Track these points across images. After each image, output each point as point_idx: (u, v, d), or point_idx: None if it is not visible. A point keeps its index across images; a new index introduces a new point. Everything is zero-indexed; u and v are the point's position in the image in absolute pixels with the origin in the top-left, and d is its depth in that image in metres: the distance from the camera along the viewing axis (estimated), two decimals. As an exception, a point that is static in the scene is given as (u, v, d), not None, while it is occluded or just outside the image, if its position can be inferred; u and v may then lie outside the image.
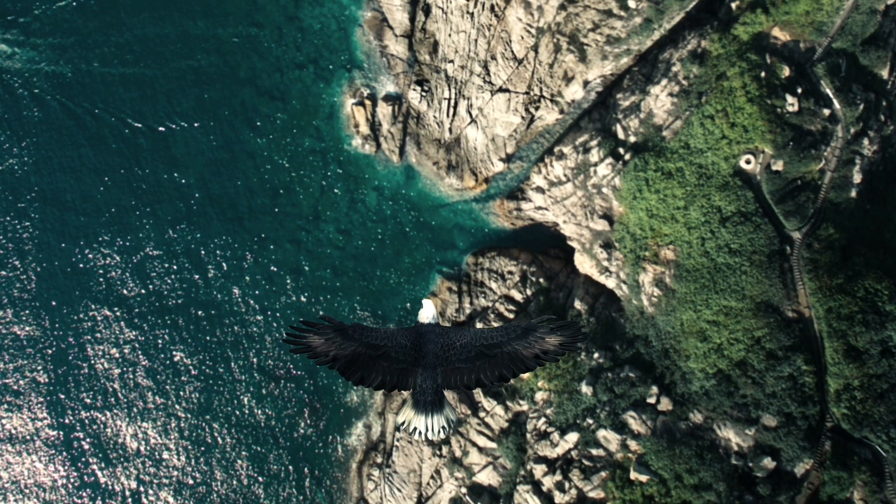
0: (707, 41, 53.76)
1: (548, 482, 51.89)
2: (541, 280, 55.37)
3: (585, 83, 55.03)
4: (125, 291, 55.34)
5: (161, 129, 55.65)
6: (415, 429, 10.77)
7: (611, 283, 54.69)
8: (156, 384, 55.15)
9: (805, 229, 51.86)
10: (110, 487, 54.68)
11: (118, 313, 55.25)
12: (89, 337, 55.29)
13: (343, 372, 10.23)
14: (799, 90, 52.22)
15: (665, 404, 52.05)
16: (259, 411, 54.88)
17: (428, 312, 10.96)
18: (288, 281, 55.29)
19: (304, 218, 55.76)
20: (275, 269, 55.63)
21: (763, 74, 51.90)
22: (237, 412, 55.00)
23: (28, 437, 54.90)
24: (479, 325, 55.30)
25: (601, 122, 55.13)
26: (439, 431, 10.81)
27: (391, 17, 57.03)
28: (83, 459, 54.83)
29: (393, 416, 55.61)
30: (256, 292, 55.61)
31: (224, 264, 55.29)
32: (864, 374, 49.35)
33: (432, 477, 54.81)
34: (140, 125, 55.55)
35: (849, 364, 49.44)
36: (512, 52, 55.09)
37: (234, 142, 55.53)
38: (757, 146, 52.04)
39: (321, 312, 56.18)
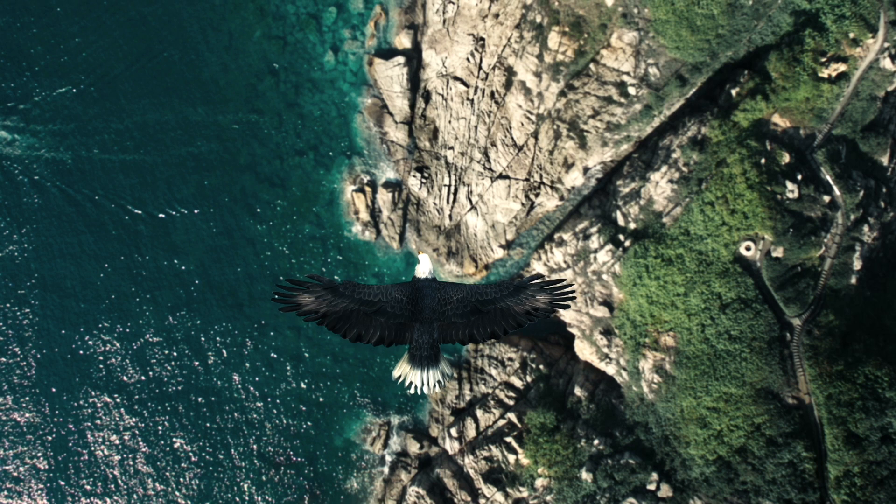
0: (707, 128, 53.83)
1: (548, 575, 51.90)
2: (541, 367, 55.40)
3: (585, 170, 55.11)
4: (125, 378, 55.35)
5: (161, 215, 55.72)
6: (410, 383, 10.74)
7: (611, 369, 54.74)
8: (156, 471, 55.15)
9: (805, 316, 51.91)
10: (110, 573, 54.71)
11: (118, 400, 55.25)
12: (89, 423, 55.29)
13: (337, 329, 10.17)
14: (799, 177, 52.30)
15: (665, 491, 52.11)
16: (259, 498, 54.88)
17: (424, 267, 10.94)
18: (288, 367, 55.33)
19: (305, 305, 55.61)
20: (275, 355, 55.66)
21: (763, 161, 51.98)
22: (237, 499, 55.00)
23: (28, 523, 54.95)
24: (479, 412, 55.30)
25: (601, 209, 55.19)
26: (435, 385, 10.80)
27: (391, 104, 57.17)
28: (83, 545, 54.87)
29: (392, 503, 55.60)
30: (256, 379, 55.64)
31: (224, 351, 55.33)
32: (864, 460, 49.39)
33: (433, 564, 54.80)
34: (140, 212, 55.61)
35: (849, 451, 49.47)
36: (512, 138, 55.17)
37: (234, 228, 55.58)
38: (757, 233, 52.10)
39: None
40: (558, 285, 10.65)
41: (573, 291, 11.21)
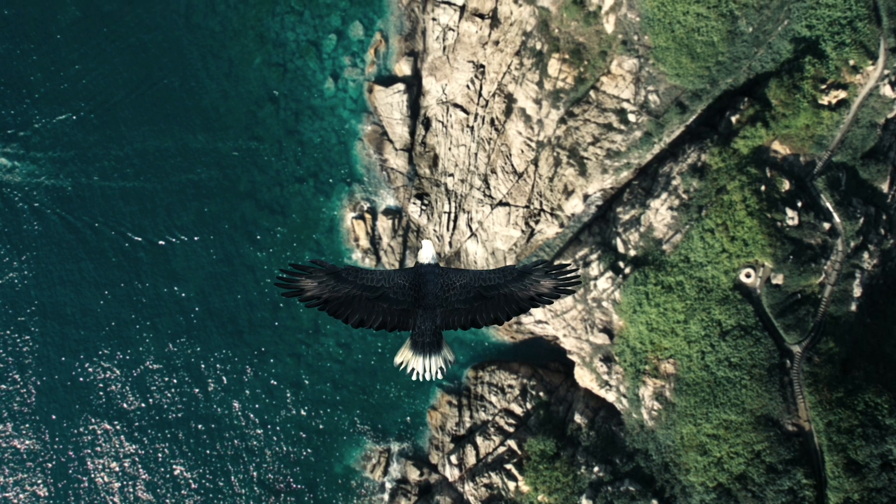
0: (707, 155, 53.81)
1: None
2: (541, 394, 55.41)
3: (585, 197, 55.10)
4: (125, 405, 55.39)
5: (161, 242, 55.75)
6: (412, 369, 10.69)
7: (611, 396, 54.74)
8: (156, 498, 55.16)
9: (805, 343, 51.91)
10: None
11: (118, 427, 55.27)
12: (89, 450, 55.32)
13: (339, 315, 10.10)
14: (799, 204, 52.27)
15: (665, 518, 52.19)
16: (259, 525, 54.94)
17: (427, 252, 10.83)
18: (288, 395, 55.35)
19: (305, 332, 55.83)
20: (275, 382, 55.68)
21: (763, 188, 51.97)
22: (237, 526, 55.07)
23: (28, 551, 54.97)
24: (479, 439, 55.30)
25: (601, 236, 55.19)
26: (437, 372, 10.76)
27: (391, 131, 57.19)
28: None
29: (393, 530, 55.64)
30: (256, 406, 55.65)
31: (224, 378, 55.36)
32: (864, 487, 49.42)
33: (433, 591, 54.80)
34: (140, 239, 55.65)
35: (849, 478, 49.49)
36: (512, 165, 55.18)
37: (234, 255, 55.62)
38: (757, 260, 52.08)
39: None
40: (563, 270, 10.56)
41: (578, 277, 11.08)
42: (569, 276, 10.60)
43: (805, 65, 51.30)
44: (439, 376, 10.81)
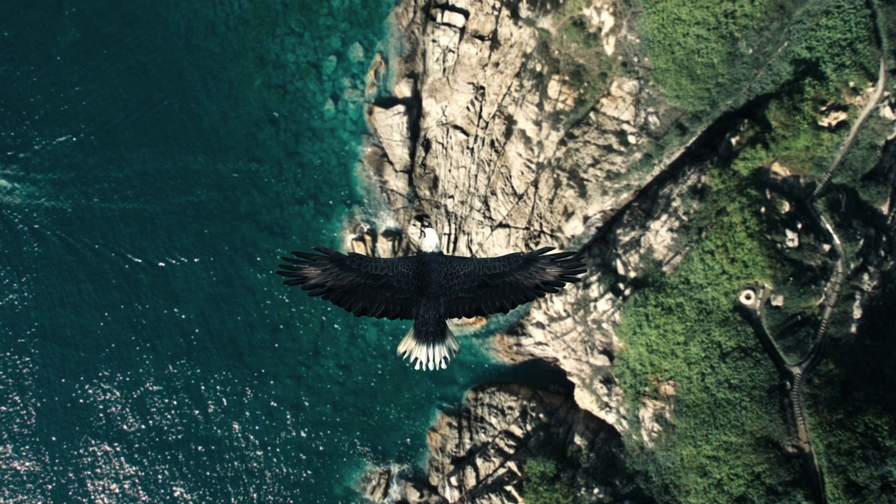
0: (707, 176, 53.80)
1: None
2: (541, 415, 55.38)
3: (585, 218, 55.08)
4: (125, 427, 55.37)
5: (161, 264, 55.74)
6: (415, 359, 10.61)
7: (611, 418, 54.72)
8: (156, 519, 55.20)
9: (805, 365, 51.90)
10: None
11: (118, 448, 55.25)
12: (89, 472, 55.30)
13: (342, 303, 10.00)
14: (799, 225, 52.26)
15: (666, 540, 52.16)
16: (259, 547, 54.90)
17: (431, 241, 10.72)
18: (288, 416, 55.32)
19: (305, 353, 55.83)
20: (275, 404, 55.66)
21: (763, 210, 51.96)
22: (237, 548, 55.03)
23: (28, 572, 54.96)
24: (479, 461, 55.28)
25: (601, 258, 55.18)
26: (440, 362, 10.67)
27: (391, 153, 57.17)
28: None
29: (393, 552, 55.60)
30: (256, 427, 55.64)
31: (224, 399, 55.34)
32: (864, 509, 49.45)
33: None
34: (140, 260, 55.64)
35: (849, 499, 49.50)
36: (512, 187, 55.17)
37: (234, 277, 55.62)
38: (757, 281, 52.07)
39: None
40: (569, 258, 10.44)
41: (584, 265, 10.95)
42: (574, 263, 10.49)
43: (805, 86, 51.30)
44: (443, 366, 10.71)
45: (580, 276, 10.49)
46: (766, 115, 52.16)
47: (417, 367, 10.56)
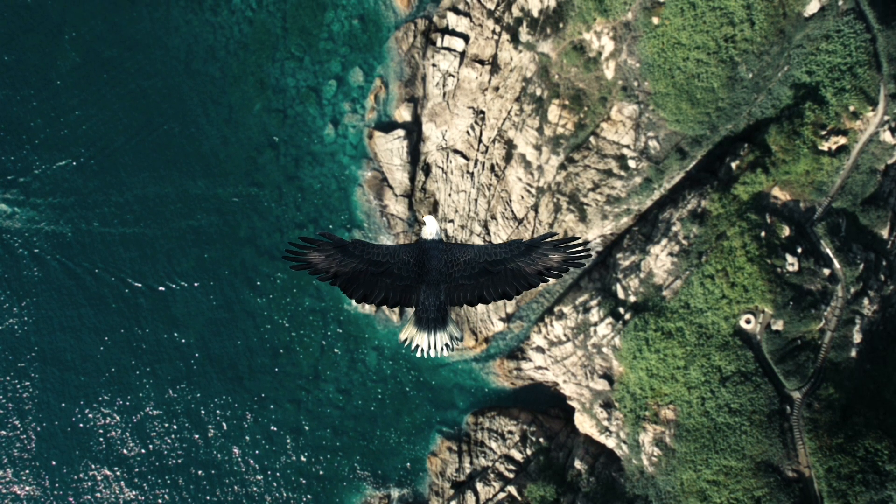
0: (707, 201, 53.77)
1: None
2: (541, 440, 55.34)
3: (585, 243, 55.05)
4: (125, 451, 55.36)
5: (161, 288, 55.74)
6: (417, 346, 10.59)
7: (611, 442, 54.67)
8: (156, 544, 55.17)
9: (805, 389, 51.86)
10: None
11: (118, 473, 55.24)
12: (89, 497, 55.27)
13: (345, 289, 10.03)
14: (799, 250, 52.22)
15: (666, 565, 52.11)
16: (259, 572, 54.87)
17: (431, 228, 10.75)
18: (288, 440, 55.30)
19: (305, 377, 55.82)
20: (275, 428, 55.64)
21: (763, 234, 51.92)
22: (237, 572, 55.00)
23: None
24: (479, 485, 55.23)
25: (601, 282, 55.15)
26: (442, 349, 10.64)
27: (391, 177, 57.16)
28: None
29: (394, 576, 55.57)
30: (256, 452, 55.61)
31: (224, 424, 55.32)
32: (865, 533, 49.41)
33: None
34: (140, 285, 55.65)
35: (850, 524, 49.47)
36: (512, 211, 55.16)
37: (234, 301, 55.61)
38: (757, 306, 52.03)
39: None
40: (572, 243, 10.39)
41: (588, 250, 10.87)
42: (578, 249, 10.42)
43: (805, 111, 51.28)
44: (445, 353, 10.67)
45: (583, 262, 10.41)
46: (766, 139, 52.14)
47: (419, 354, 10.54)
